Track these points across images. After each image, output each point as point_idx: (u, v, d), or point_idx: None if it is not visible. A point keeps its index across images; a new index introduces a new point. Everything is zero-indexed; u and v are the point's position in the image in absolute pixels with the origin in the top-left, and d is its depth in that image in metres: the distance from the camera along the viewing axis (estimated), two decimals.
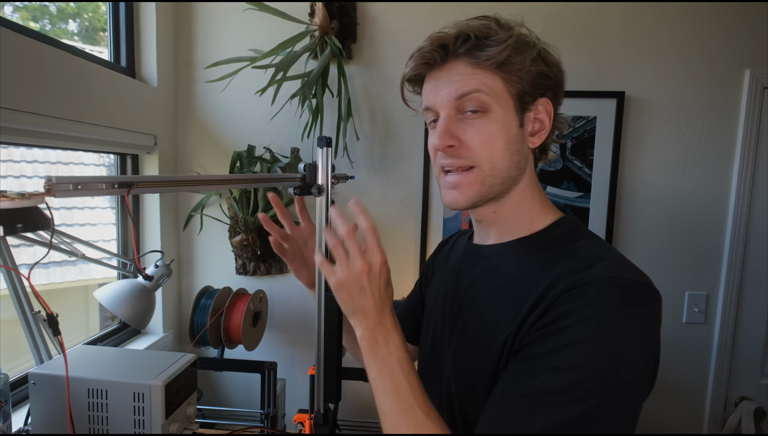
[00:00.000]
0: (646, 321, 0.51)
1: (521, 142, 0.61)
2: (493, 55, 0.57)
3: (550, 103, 0.62)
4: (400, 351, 0.58)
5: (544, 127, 0.63)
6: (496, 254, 0.65)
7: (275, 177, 0.71)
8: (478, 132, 0.59)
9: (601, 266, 0.53)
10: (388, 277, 0.60)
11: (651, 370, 0.53)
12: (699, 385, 1.66)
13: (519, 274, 0.59)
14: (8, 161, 1.32)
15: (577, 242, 0.59)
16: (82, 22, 1.51)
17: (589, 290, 0.51)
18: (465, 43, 0.59)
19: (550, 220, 0.64)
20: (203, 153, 1.70)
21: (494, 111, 0.59)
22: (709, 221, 1.60)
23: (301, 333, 1.73)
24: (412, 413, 0.54)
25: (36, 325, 1.00)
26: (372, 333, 0.58)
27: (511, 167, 0.61)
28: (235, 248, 1.64)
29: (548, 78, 0.61)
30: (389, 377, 0.56)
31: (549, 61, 0.61)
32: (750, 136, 1.55)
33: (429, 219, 1.65)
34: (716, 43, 1.54)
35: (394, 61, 1.61)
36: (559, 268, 0.55)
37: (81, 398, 0.93)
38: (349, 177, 0.82)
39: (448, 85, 0.60)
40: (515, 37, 0.58)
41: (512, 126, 0.60)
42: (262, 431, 1.31)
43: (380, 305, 0.58)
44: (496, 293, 0.61)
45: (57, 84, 1.13)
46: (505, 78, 0.59)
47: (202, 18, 1.65)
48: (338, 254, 0.59)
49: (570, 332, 0.49)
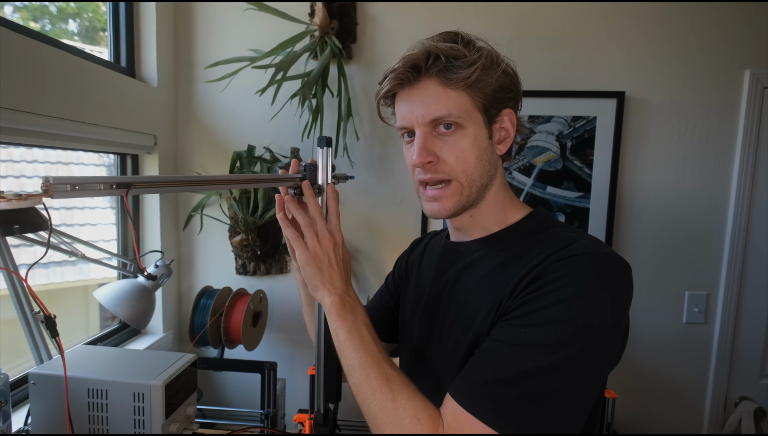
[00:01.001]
0: (620, 290, 0.57)
1: (491, 151, 0.67)
2: (463, 77, 0.62)
3: (513, 113, 0.68)
4: (365, 316, 0.64)
5: (509, 136, 0.68)
6: (477, 249, 0.70)
7: (275, 177, 0.71)
8: (452, 148, 0.64)
9: (577, 244, 0.59)
10: (348, 257, 0.68)
11: (621, 339, 0.59)
12: (699, 385, 1.66)
13: (501, 261, 0.65)
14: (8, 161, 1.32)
15: (551, 229, 0.65)
16: (82, 22, 1.51)
17: (569, 261, 0.57)
18: (435, 64, 0.63)
19: (522, 214, 0.70)
20: (203, 153, 1.70)
21: (466, 127, 0.64)
22: (709, 221, 1.60)
23: (301, 333, 1.72)
24: (380, 365, 0.60)
25: (36, 325, 1.00)
26: (341, 300, 0.64)
27: (484, 176, 0.66)
28: (235, 248, 1.64)
29: (510, 90, 0.66)
30: (358, 335, 0.62)
31: (509, 73, 0.66)
32: (750, 136, 1.55)
33: (429, 219, 1.65)
34: (716, 43, 1.54)
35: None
36: (540, 250, 0.61)
37: (81, 398, 0.93)
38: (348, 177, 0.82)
39: (421, 107, 0.64)
40: (483, 58, 0.63)
41: (483, 139, 0.65)
42: (262, 431, 1.31)
43: (345, 277, 0.66)
44: (480, 282, 0.66)
45: (57, 84, 1.13)
46: (473, 95, 0.63)
47: (202, 18, 1.65)
48: (309, 232, 0.66)
49: (552, 295, 0.55)
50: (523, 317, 0.56)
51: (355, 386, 0.61)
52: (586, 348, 0.53)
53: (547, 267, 0.57)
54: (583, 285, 0.55)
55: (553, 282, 0.56)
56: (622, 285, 0.57)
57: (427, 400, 0.58)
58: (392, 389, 0.58)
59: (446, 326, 0.69)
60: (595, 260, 0.57)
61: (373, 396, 0.59)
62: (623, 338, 0.60)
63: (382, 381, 0.59)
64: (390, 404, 0.57)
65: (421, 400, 0.57)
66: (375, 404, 0.58)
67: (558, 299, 0.54)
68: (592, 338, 0.53)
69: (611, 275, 0.57)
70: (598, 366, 0.55)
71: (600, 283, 0.55)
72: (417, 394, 0.58)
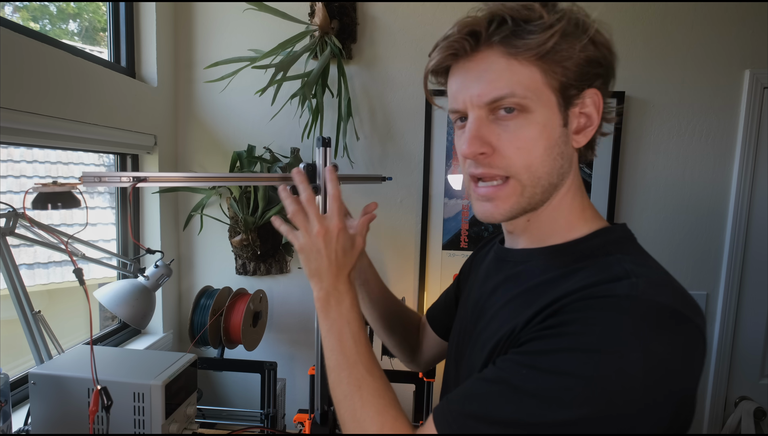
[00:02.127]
0: (664, 354, 0.42)
1: (565, 143, 0.53)
2: (535, 44, 0.48)
3: (599, 94, 0.53)
4: (351, 313, 0.60)
5: (592, 123, 0.53)
6: (521, 261, 0.59)
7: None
8: (513, 137, 0.51)
9: (626, 282, 0.45)
10: (346, 244, 0.61)
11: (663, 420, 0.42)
12: (699, 385, 1.66)
13: (539, 282, 0.53)
14: (8, 161, 1.32)
15: (612, 254, 0.51)
16: (82, 22, 1.51)
17: (602, 302, 0.44)
18: (500, 29, 0.49)
19: (590, 229, 0.56)
20: (203, 153, 1.70)
21: (533, 111, 0.50)
22: (709, 221, 1.60)
23: (301, 333, 1.73)
24: (354, 369, 0.56)
25: (36, 325, 1.01)
26: (326, 295, 0.60)
27: (553, 174, 0.53)
28: (235, 248, 1.64)
29: (598, 64, 0.51)
30: (336, 336, 0.58)
31: (599, 42, 0.51)
32: (750, 136, 1.55)
33: (429, 219, 1.65)
34: (716, 43, 1.54)
35: (394, 61, 1.61)
36: (580, 279, 0.49)
37: (81, 398, 0.93)
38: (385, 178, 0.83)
39: (478, 84, 0.51)
40: (565, 21, 0.48)
41: (555, 126, 0.51)
42: (262, 431, 1.31)
43: (335, 268, 0.60)
44: (512, 300, 0.56)
45: (57, 84, 1.13)
46: (547, 69, 0.49)
47: (202, 18, 1.65)
48: (299, 220, 0.61)
49: (565, 339, 0.44)
50: (530, 354, 0.46)
51: (330, 387, 0.58)
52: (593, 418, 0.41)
53: (573, 303, 0.46)
54: (611, 337, 0.42)
55: (572, 323, 0.44)
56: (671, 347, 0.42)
57: (401, 415, 0.53)
58: (362, 398, 0.54)
59: (472, 340, 0.62)
60: (638, 307, 0.43)
61: (343, 402, 0.56)
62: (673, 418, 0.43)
63: (353, 387, 0.55)
64: (359, 412, 0.54)
65: (391, 415, 0.53)
66: (344, 410, 0.55)
67: (572, 345, 0.43)
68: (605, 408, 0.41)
69: (657, 330, 0.42)
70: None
71: (635, 338, 0.42)
72: (389, 407, 0.54)
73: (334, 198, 0.62)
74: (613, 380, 0.41)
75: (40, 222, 0.96)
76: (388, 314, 0.84)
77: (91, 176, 0.66)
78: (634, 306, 0.43)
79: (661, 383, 0.42)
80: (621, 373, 0.41)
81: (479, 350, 0.57)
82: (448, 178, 1.62)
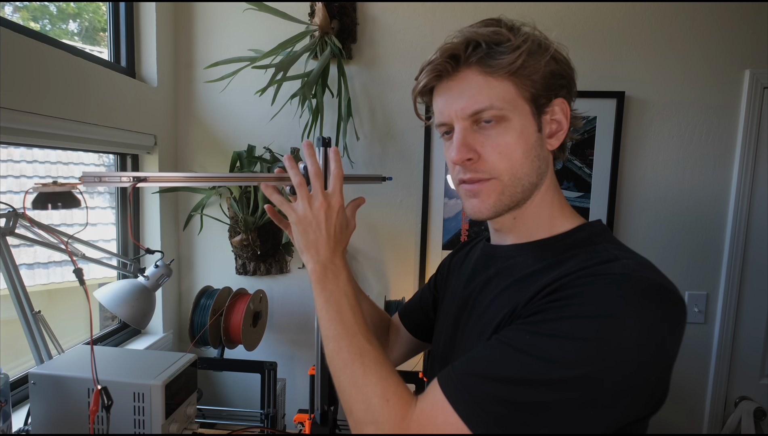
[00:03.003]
0: (654, 322, 0.47)
1: (540, 146, 0.60)
2: (507, 63, 0.56)
3: (565, 103, 0.61)
4: (347, 286, 0.62)
5: (562, 128, 0.61)
6: (512, 256, 0.64)
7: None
8: (495, 144, 0.58)
9: (618, 263, 0.52)
10: (344, 222, 0.64)
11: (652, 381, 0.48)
12: (699, 385, 1.66)
13: (531, 272, 0.59)
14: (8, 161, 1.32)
15: (599, 244, 0.58)
16: (82, 22, 1.51)
17: (600, 279, 0.50)
18: (475, 52, 0.57)
19: (572, 224, 0.62)
20: (203, 153, 1.70)
21: (511, 119, 0.58)
22: (709, 221, 1.60)
23: (301, 333, 1.73)
24: (354, 338, 0.58)
25: (36, 325, 1.01)
26: (323, 268, 0.62)
27: (532, 174, 0.60)
28: (235, 248, 1.64)
29: (561, 77, 0.60)
30: (335, 306, 0.60)
31: (559, 59, 0.60)
32: (750, 136, 1.55)
33: (429, 219, 1.65)
34: (716, 43, 1.54)
35: (394, 61, 1.61)
36: (577, 262, 0.54)
37: (81, 398, 0.93)
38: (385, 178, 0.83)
39: (461, 100, 0.58)
40: (529, 42, 0.57)
41: (530, 132, 0.59)
42: (262, 431, 1.31)
43: (333, 243, 0.63)
44: (506, 290, 0.60)
45: (57, 84, 1.13)
46: (518, 83, 0.57)
47: (202, 18, 1.65)
48: (302, 191, 0.64)
49: (570, 309, 0.49)
50: (532, 323, 0.50)
51: (328, 357, 0.59)
52: (594, 377, 0.45)
53: (574, 281, 0.51)
54: (610, 305, 0.47)
55: (575, 296, 0.49)
56: (661, 317, 0.48)
57: (401, 382, 0.55)
58: (363, 365, 0.56)
59: (466, 333, 0.65)
60: (633, 282, 0.49)
61: (343, 370, 0.57)
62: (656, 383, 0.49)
63: (354, 355, 0.56)
64: (360, 379, 0.55)
65: (394, 381, 0.55)
66: (344, 378, 0.56)
67: (575, 313, 0.48)
68: (604, 367, 0.45)
69: (649, 301, 0.48)
70: (605, 402, 0.46)
71: (632, 307, 0.47)
72: (391, 374, 0.55)
73: (337, 178, 0.65)
74: (611, 342, 0.46)
75: (40, 222, 0.96)
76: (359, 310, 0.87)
77: (91, 176, 0.66)
78: (629, 281, 0.49)
79: (652, 346, 0.47)
80: (619, 336, 0.46)
81: (477, 336, 0.61)
82: (448, 178, 1.62)
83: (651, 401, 0.50)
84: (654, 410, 0.51)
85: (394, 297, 1.68)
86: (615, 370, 0.46)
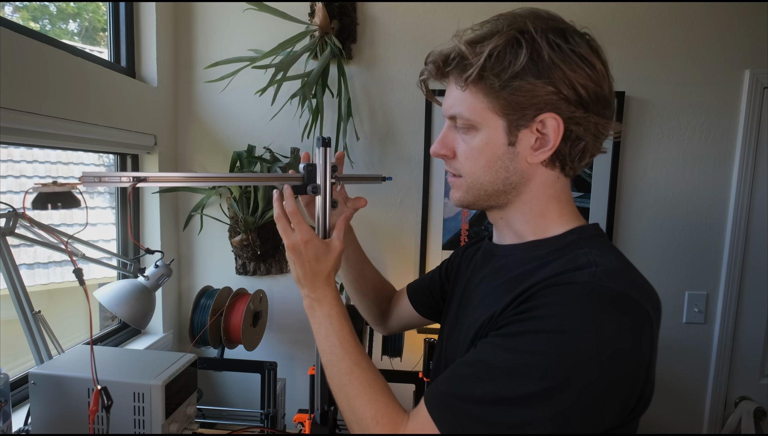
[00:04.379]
0: (614, 333, 0.48)
1: (510, 159, 0.59)
2: (466, 77, 0.57)
3: (558, 119, 0.56)
4: (332, 314, 0.66)
5: (547, 144, 0.57)
6: (505, 255, 0.67)
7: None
8: (465, 147, 0.62)
9: (586, 271, 0.53)
10: (319, 252, 0.67)
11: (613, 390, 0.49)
12: (699, 385, 1.66)
13: (517, 274, 0.61)
14: (8, 161, 1.32)
15: (582, 248, 0.57)
16: (82, 22, 1.51)
17: (564, 289, 0.52)
18: (452, 64, 0.60)
19: (565, 228, 0.62)
20: (203, 153, 1.70)
21: (480, 129, 0.60)
22: (709, 221, 1.60)
23: (301, 333, 1.73)
24: (342, 363, 0.62)
25: (36, 325, 1.01)
26: (309, 300, 0.68)
27: (496, 182, 0.61)
28: (235, 248, 1.64)
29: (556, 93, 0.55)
30: (324, 335, 0.65)
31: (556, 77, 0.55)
32: (750, 136, 1.55)
33: (429, 219, 1.65)
34: (716, 43, 1.54)
35: (394, 61, 1.61)
36: (551, 269, 0.56)
37: (81, 398, 0.93)
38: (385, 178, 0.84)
39: (444, 102, 0.64)
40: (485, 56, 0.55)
41: (497, 145, 0.59)
42: (262, 431, 1.31)
43: (310, 276, 0.67)
44: (495, 289, 0.63)
45: (57, 84, 1.13)
46: (491, 96, 0.57)
47: (202, 18, 1.65)
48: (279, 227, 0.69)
49: (533, 323, 0.51)
50: (504, 337, 0.53)
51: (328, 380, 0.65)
52: (557, 389, 0.47)
53: (541, 290, 0.53)
54: (570, 319, 0.49)
55: (539, 308, 0.51)
56: (620, 327, 0.49)
57: (392, 401, 0.59)
58: (353, 389, 0.60)
59: (458, 328, 0.68)
60: (594, 292, 0.50)
61: (338, 394, 0.62)
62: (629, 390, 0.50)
63: (345, 381, 0.61)
64: (354, 401, 0.59)
65: (383, 402, 0.58)
66: (340, 401, 0.62)
67: (538, 328, 0.50)
68: (565, 381, 0.47)
69: (609, 313, 0.49)
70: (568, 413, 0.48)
71: (591, 319, 0.49)
72: (380, 394, 0.59)
73: (292, 214, 0.68)
74: (570, 355, 0.48)
75: (40, 222, 0.96)
76: (362, 278, 0.92)
77: (91, 176, 0.67)
78: (590, 292, 0.51)
79: (612, 357, 0.48)
80: (576, 349, 0.48)
81: (464, 334, 0.64)
82: (448, 178, 1.62)
83: (627, 406, 0.51)
84: (636, 414, 0.53)
85: None
86: (580, 382, 0.48)
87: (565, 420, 0.48)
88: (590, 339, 0.48)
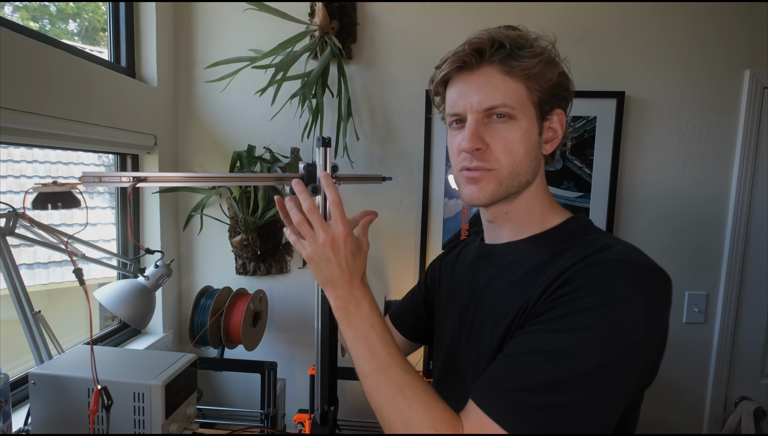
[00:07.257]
0: (655, 300, 0.53)
1: (538, 148, 0.66)
2: (527, 66, 0.61)
3: (563, 114, 0.67)
4: (372, 316, 0.60)
5: (557, 136, 0.67)
6: (510, 252, 0.68)
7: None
8: (502, 138, 0.62)
9: (613, 250, 0.57)
10: (354, 248, 0.61)
11: (655, 352, 0.54)
12: (699, 385, 1.66)
13: (533, 267, 0.62)
14: (8, 161, 1.32)
15: (589, 235, 0.63)
16: (82, 22, 1.51)
17: (601, 267, 0.54)
18: (499, 51, 0.62)
19: (561, 218, 0.67)
20: (203, 153, 1.70)
21: (519, 119, 0.62)
22: (709, 221, 1.60)
23: (301, 333, 1.73)
24: (390, 371, 0.57)
25: (36, 325, 1.01)
26: (343, 302, 0.61)
27: (528, 172, 0.65)
28: (235, 248, 1.64)
29: (564, 90, 0.65)
30: (364, 341, 0.59)
31: (565, 74, 0.66)
32: (750, 136, 1.55)
33: (429, 219, 1.65)
34: (716, 43, 1.54)
35: (394, 61, 1.61)
36: (573, 254, 0.59)
37: (81, 398, 0.93)
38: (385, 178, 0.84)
39: (477, 93, 0.62)
40: (547, 53, 0.63)
41: (533, 134, 0.64)
42: (262, 431, 1.31)
43: (347, 275, 0.61)
44: (512, 286, 0.64)
45: (57, 84, 1.13)
46: (531, 87, 0.62)
47: (202, 18, 1.65)
48: (304, 229, 0.62)
49: (581, 301, 0.52)
50: (550, 322, 0.53)
51: (367, 393, 0.58)
52: (617, 359, 0.50)
53: (577, 272, 0.55)
54: (616, 292, 0.52)
55: (582, 288, 0.53)
56: (659, 295, 0.54)
57: (445, 407, 0.55)
58: (406, 398, 0.55)
59: (474, 331, 0.67)
60: (630, 266, 0.54)
61: (386, 405, 0.56)
62: (658, 353, 0.55)
63: (394, 389, 0.55)
64: (406, 413, 0.54)
65: (439, 409, 0.54)
66: (389, 413, 0.55)
67: (587, 305, 0.52)
68: (623, 349, 0.50)
69: (645, 284, 0.53)
70: (627, 379, 0.51)
71: (635, 290, 0.52)
72: (434, 401, 0.55)
73: (335, 204, 0.62)
74: (623, 324, 0.51)
75: (40, 222, 0.96)
76: None
77: (91, 176, 0.66)
78: (625, 267, 0.54)
79: (658, 320, 0.53)
80: (629, 318, 0.51)
81: (488, 334, 0.63)
82: (448, 178, 1.62)
83: (655, 369, 0.56)
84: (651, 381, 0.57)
85: (394, 297, 1.68)
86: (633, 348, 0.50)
87: (625, 386, 0.50)
88: (637, 306, 0.51)
